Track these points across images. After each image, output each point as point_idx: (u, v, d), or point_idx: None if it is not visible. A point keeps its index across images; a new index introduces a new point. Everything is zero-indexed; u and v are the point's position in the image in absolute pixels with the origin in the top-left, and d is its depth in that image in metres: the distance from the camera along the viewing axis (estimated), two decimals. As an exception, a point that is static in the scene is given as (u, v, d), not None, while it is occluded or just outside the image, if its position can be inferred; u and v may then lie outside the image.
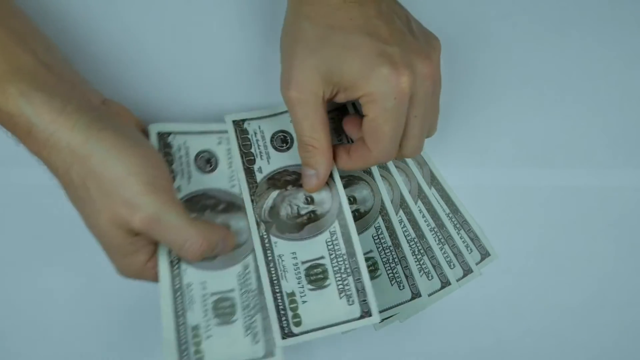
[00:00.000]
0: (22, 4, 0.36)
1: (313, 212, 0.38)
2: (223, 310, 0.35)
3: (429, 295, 0.42)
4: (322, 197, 0.38)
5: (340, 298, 0.36)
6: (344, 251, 0.37)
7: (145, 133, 0.37)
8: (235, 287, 0.35)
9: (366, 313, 0.35)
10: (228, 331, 0.34)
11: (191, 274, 0.35)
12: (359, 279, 0.36)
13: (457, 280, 0.42)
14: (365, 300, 0.36)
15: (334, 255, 0.37)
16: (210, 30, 0.42)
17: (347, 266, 0.36)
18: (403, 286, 0.41)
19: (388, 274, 0.41)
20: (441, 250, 0.43)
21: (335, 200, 0.38)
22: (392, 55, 0.32)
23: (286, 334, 0.35)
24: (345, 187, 0.40)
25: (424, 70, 0.33)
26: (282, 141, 0.40)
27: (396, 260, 0.41)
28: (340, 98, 0.34)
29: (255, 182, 0.39)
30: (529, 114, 0.45)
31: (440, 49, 0.36)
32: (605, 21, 0.45)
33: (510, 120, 0.44)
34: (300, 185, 0.38)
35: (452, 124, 0.44)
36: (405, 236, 0.42)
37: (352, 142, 0.40)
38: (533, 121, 0.44)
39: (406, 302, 0.41)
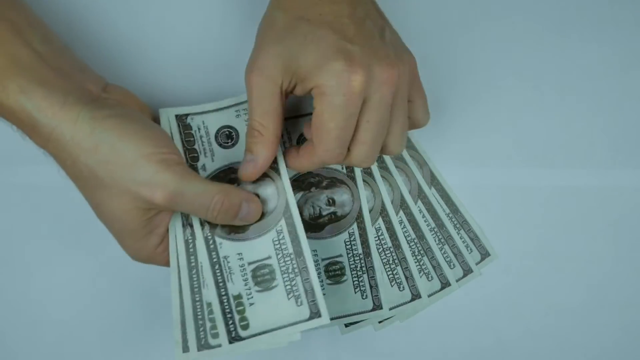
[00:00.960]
0: None
1: (334, 213, 0.40)
2: (263, 277, 0.35)
3: (429, 296, 0.42)
4: (344, 200, 0.40)
5: (355, 293, 0.39)
6: (360, 251, 0.40)
7: (150, 116, 0.37)
8: (272, 254, 0.36)
9: (377, 306, 0.39)
10: (270, 297, 0.35)
11: (227, 247, 0.35)
12: (372, 276, 0.39)
13: (457, 281, 0.42)
14: (377, 295, 0.39)
15: (351, 254, 0.40)
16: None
17: (363, 264, 0.40)
18: (403, 287, 0.41)
19: (388, 275, 0.41)
20: (441, 250, 0.43)
21: (355, 204, 0.40)
22: (351, 53, 0.31)
23: (314, 314, 0.38)
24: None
25: (383, 75, 0.32)
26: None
27: (396, 261, 0.41)
28: (298, 90, 0.34)
29: None
30: (529, 114, 0.45)
31: (414, 66, 0.35)
32: (605, 21, 0.45)
33: (510, 120, 0.44)
34: (324, 188, 0.40)
35: (452, 124, 0.44)
36: (405, 237, 0.42)
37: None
38: (533, 121, 0.44)
39: (406, 303, 0.41)
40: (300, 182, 0.41)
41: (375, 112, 0.33)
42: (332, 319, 0.40)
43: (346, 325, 0.41)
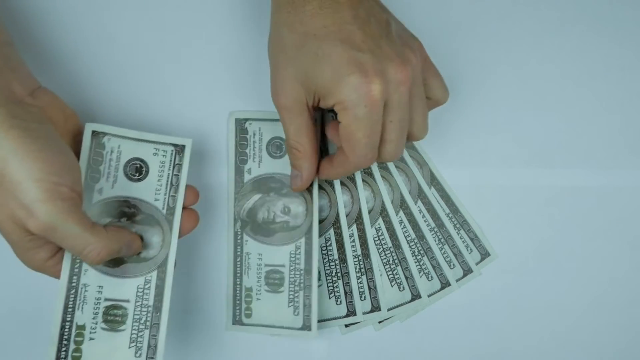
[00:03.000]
0: None
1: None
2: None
3: (429, 296, 0.42)
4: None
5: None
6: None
7: (75, 126, 0.37)
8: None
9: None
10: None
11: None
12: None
13: (457, 281, 0.42)
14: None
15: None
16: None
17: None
18: (403, 287, 0.41)
19: (388, 276, 0.41)
20: (441, 250, 0.43)
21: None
22: (364, 63, 0.32)
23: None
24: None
25: (397, 76, 0.33)
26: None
27: (396, 261, 0.41)
28: (322, 104, 0.34)
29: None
30: (529, 114, 0.45)
31: (422, 50, 0.36)
32: (605, 21, 0.45)
33: (510, 120, 0.44)
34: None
35: (452, 124, 0.44)
36: (405, 237, 0.42)
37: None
38: (533, 121, 0.44)
39: (406, 303, 0.41)
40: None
41: (397, 111, 0.34)
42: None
43: (346, 326, 0.41)
